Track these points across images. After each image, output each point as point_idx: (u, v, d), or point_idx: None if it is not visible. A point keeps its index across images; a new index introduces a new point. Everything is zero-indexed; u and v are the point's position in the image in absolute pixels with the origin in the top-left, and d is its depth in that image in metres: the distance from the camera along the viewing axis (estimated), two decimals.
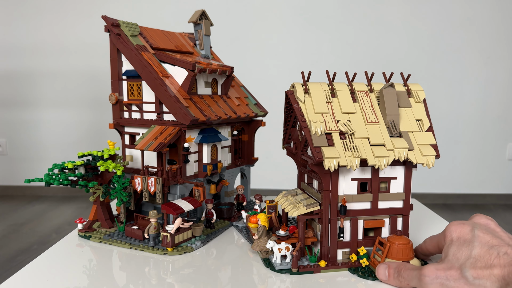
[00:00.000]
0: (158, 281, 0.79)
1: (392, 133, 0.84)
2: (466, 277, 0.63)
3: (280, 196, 0.96)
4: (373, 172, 0.83)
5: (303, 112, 0.84)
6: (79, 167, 1.02)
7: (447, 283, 0.64)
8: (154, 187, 0.97)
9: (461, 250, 0.67)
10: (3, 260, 2.10)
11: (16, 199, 3.22)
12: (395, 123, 0.85)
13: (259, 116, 1.26)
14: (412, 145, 0.83)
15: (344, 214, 0.82)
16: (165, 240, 0.92)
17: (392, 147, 0.82)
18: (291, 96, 0.88)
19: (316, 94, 0.87)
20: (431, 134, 0.86)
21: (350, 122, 0.84)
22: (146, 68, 1.03)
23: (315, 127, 0.81)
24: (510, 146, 3.10)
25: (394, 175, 0.85)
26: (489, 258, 0.63)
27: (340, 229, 0.83)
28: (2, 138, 3.33)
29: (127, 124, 1.13)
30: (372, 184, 0.84)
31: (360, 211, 0.84)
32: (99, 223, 1.06)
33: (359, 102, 0.88)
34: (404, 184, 0.86)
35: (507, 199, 3.15)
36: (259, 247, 0.89)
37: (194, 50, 1.26)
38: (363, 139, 0.83)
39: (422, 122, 0.88)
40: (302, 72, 0.88)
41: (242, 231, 1.06)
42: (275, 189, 3.07)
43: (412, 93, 0.92)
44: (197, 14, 1.21)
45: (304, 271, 0.82)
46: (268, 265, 0.85)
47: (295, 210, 0.84)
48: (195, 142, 1.07)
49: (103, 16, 1.07)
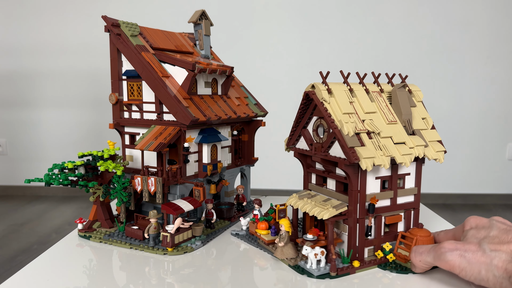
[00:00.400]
0: (158, 281, 0.79)
1: (408, 132, 0.88)
2: (483, 249, 0.68)
3: (293, 199, 0.92)
4: (393, 169, 0.87)
5: (330, 113, 0.83)
6: (79, 167, 1.02)
7: (465, 254, 0.69)
8: (154, 187, 0.97)
9: (480, 233, 0.73)
10: (3, 260, 2.10)
11: (16, 199, 3.22)
12: (410, 121, 0.89)
13: (259, 116, 1.26)
14: (426, 143, 0.88)
15: (373, 213, 0.84)
16: (165, 240, 0.92)
17: (412, 144, 0.86)
18: (314, 97, 0.85)
19: (339, 94, 0.86)
20: (435, 131, 0.92)
21: (373, 121, 0.86)
22: (146, 68, 1.03)
23: (347, 128, 0.80)
24: (510, 146, 3.10)
25: (408, 171, 0.90)
26: (506, 237, 0.69)
27: (367, 228, 0.84)
28: (2, 138, 3.33)
29: (127, 124, 1.13)
30: (392, 181, 0.87)
31: (382, 208, 0.87)
32: (99, 223, 1.06)
33: (375, 102, 0.89)
34: (415, 179, 0.91)
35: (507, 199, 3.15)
36: (285, 255, 0.85)
37: (194, 50, 1.26)
38: (387, 138, 0.85)
39: (427, 120, 0.93)
40: (320, 72, 0.87)
41: (245, 238, 1.00)
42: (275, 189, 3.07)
43: (413, 93, 0.95)
44: (197, 14, 1.21)
45: (342, 273, 0.80)
46: (302, 272, 0.81)
47: (325, 212, 0.81)
48: (195, 142, 1.07)
49: (103, 16, 1.07)
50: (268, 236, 0.94)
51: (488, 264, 0.67)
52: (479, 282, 0.69)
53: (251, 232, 1.01)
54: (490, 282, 0.67)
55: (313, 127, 0.90)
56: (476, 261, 0.68)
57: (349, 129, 0.80)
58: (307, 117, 0.91)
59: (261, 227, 0.96)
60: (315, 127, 0.90)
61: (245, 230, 1.04)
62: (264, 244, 0.94)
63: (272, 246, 0.93)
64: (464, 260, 0.69)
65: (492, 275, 0.67)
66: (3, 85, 3.26)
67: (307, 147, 0.93)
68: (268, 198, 1.40)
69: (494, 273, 0.67)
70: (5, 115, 3.29)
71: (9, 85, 3.25)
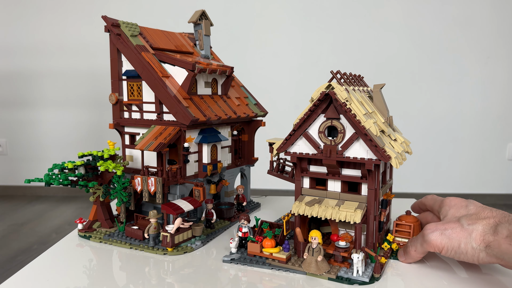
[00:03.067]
0: (158, 281, 0.79)
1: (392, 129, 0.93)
2: (462, 224, 0.74)
3: (302, 207, 0.84)
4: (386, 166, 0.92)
5: (356, 113, 0.80)
6: (79, 167, 1.02)
7: (445, 231, 0.75)
8: (154, 187, 0.97)
9: (459, 211, 0.79)
10: (3, 260, 2.10)
11: (16, 199, 3.22)
12: (390, 119, 0.94)
13: (259, 116, 1.26)
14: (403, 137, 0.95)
15: (386, 208, 0.89)
16: (165, 240, 0.92)
17: (400, 141, 0.91)
18: (336, 97, 0.81)
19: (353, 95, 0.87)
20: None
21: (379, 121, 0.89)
22: (146, 68, 1.03)
23: (375, 129, 0.79)
24: (510, 146, 3.09)
25: None
26: (483, 213, 0.75)
27: (380, 223, 0.87)
28: (2, 138, 3.33)
29: (127, 124, 1.13)
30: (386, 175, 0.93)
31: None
32: (99, 223, 1.06)
33: (364, 102, 0.91)
34: None
35: (507, 199, 3.15)
36: (322, 269, 0.79)
37: (194, 50, 1.26)
38: (388, 136, 0.89)
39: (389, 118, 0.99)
40: (331, 71, 0.85)
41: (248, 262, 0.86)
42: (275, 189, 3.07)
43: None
44: (197, 14, 1.21)
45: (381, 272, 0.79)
46: (350, 282, 0.76)
47: (354, 215, 0.79)
48: (195, 142, 1.07)
49: (103, 16, 1.07)
50: (282, 253, 0.84)
51: (466, 237, 0.72)
52: (458, 257, 0.73)
53: (250, 253, 0.88)
54: (468, 254, 0.71)
55: (320, 128, 0.85)
56: (456, 236, 0.73)
57: (375, 130, 0.79)
58: (313, 119, 0.86)
59: (268, 245, 0.85)
60: (322, 128, 0.85)
61: (236, 253, 0.90)
62: (280, 263, 0.83)
63: (292, 263, 0.83)
64: (444, 237, 0.74)
65: (471, 247, 0.71)
66: (3, 85, 3.26)
67: (303, 151, 0.87)
68: (268, 198, 1.40)
69: (472, 245, 0.71)
70: (5, 115, 3.29)
71: (9, 85, 3.25)
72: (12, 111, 3.28)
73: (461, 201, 0.82)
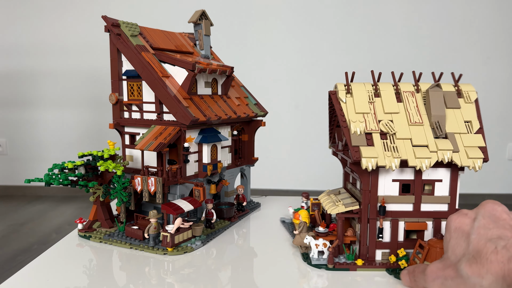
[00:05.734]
0: (158, 281, 0.79)
1: (437, 134, 0.82)
2: (462, 275, 0.56)
3: (324, 194, 0.98)
4: (416, 173, 0.82)
5: (344, 112, 0.85)
6: (79, 167, 1.02)
7: (446, 282, 0.59)
8: (154, 187, 0.97)
9: (459, 245, 0.61)
10: (3, 260, 2.10)
11: (16, 199, 3.22)
12: (440, 124, 0.82)
13: (259, 116, 1.26)
14: (458, 147, 0.81)
15: (383, 215, 0.82)
16: (165, 240, 0.92)
17: (435, 148, 0.80)
18: (333, 97, 0.88)
19: (358, 94, 0.87)
20: (480, 136, 0.83)
21: (392, 122, 0.84)
22: (146, 68, 1.03)
23: (355, 127, 0.82)
24: (510, 146, 3.10)
25: (438, 177, 0.83)
26: (486, 253, 0.55)
27: (379, 230, 0.83)
28: (2, 138, 3.33)
29: (127, 124, 1.13)
30: (415, 185, 0.83)
31: (401, 212, 0.84)
32: (99, 223, 1.06)
33: (404, 102, 0.87)
34: (450, 187, 0.83)
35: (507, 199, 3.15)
36: (298, 242, 0.90)
37: (194, 50, 1.26)
38: (406, 139, 0.82)
39: (471, 123, 0.84)
40: (346, 72, 0.89)
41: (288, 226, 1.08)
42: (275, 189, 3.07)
43: (462, 94, 0.88)
44: (197, 14, 1.21)
45: (340, 267, 0.83)
46: (306, 259, 0.87)
47: (334, 208, 0.85)
48: (195, 142, 1.07)
49: (103, 16, 1.07)
50: None
51: None
52: None
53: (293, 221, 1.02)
54: None
55: None
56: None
57: (356, 128, 0.81)
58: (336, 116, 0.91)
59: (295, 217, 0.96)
60: None
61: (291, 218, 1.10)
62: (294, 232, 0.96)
63: None
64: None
65: None
66: (3, 85, 3.26)
67: None
68: (268, 198, 1.40)
69: None
70: (5, 115, 3.29)
71: (9, 85, 3.25)
72: (12, 111, 3.28)
73: (463, 222, 0.62)
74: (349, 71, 0.93)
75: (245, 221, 1.16)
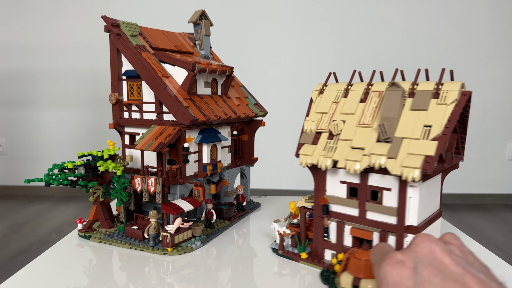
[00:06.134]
0: (158, 281, 0.79)
1: (381, 138, 0.74)
2: None
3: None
4: (362, 177, 0.77)
5: (310, 111, 0.88)
6: (79, 167, 1.02)
7: None
8: (154, 187, 0.97)
9: None
10: (3, 260, 2.10)
11: (16, 199, 3.22)
12: (385, 127, 0.74)
13: (259, 116, 1.26)
14: (396, 153, 0.71)
15: (326, 214, 0.82)
16: (165, 240, 0.92)
17: (368, 152, 0.74)
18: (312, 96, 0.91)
19: (328, 94, 0.89)
20: (434, 144, 0.69)
21: (343, 123, 0.82)
22: (146, 68, 1.03)
23: (307, 125, 0.86)
24: (510, 146, 3.10)
25: (387, 185, 0.74)
26: None
27: (325, 229, 0.84)
28: (2, 138, 3.33)
29: (127, 124, 1.13)
30: (360, 190, 0.78)
31: (347, 216, 0.80)
32: (99, 223, 1.06)
33: (367, 103, 0.82)
34: (399, 198, 0.73)
35: (507, 199, 3.15)
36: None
37: (194, 50, 1.26)
38: (347, 141, 0.79)
39: (432, 129, 0.71)
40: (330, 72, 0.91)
41: None
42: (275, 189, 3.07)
43: (440, 94, 0.75)
44: (197, 14, 1.21)
45: (285, 255, 0.89)
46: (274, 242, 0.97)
47: (300, 202, 0.90)
48: (195, 142, 1.07)
49: (103, 16, 1.07)
50: None
51: None
52: None
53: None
54: None
55: None
56: None
57: (307, 127, 0.86)
58: None
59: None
60: None
61: None
62: None
63: None
64: None
65: None
66: (3, 85, 3.26)
67: None
68: (268, 198, 1.40)
69: None
70: (5, 115, 3.29)
71: (9, 85, 3.25)
72: (12, 111, 3.28)
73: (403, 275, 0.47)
74: (349, 71, 0.93)
75: (245, 221, 1.16)
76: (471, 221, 2.77)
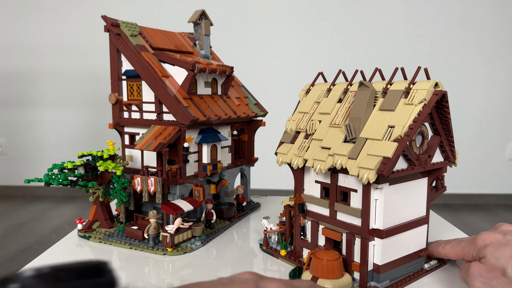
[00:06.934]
0: (158, 281, 0.79)
1: (348, 138, 0.74)
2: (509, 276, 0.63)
3: None
4: (332, 178, 0.77)
5: (294, 111, 0.91)
6: (79, 167, 1.02)
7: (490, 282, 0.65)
8: (154, 187, 0.97)
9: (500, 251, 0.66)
10: (3, 260, 2.10)
11: (16, 199, 3.22)
12: (351, 127, 0.73)
13: (259, 116, 1.26)
14: (356, 154, 0.70)
15: (302, 213, 0.83)
16: (165, 240, 0.92)
17: (333, 152, 0.74)
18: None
19: (312, 94, 0.90)
20: (394, 145, 0.66)
21: (319, 123, 0.82)
22: (146, 68, 1.03)
23: (288, 125, 0.88)
24: (510, 146, 3.10)
25: (354, 186, 0.73)
26: None
27: (301, 228, 0.85)
28: (2, 138, 3.33)
29: (127, 124, 1.13)
30: (331, 191, 0.78)
31: (320, 216, 0.80)
32: (99, 223, 1.06)
33: (342, 103, 0.81)
34: (362, 200, 0.71)
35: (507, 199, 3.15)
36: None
37: (194, 50, 1.26)
38: (318, 140, 0.79)
39: (395, 129, 0.69)
40: (319, 72, 0.91)
41: None
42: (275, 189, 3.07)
43: (410, 94, 0.72)
44: (197, 14, 1.21)
45: (267, 251, 0.92)
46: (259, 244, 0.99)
47: (284, 200, 0.92)
48: (195, 142, 1.06)
49: (103, 16, 1.07)
50: None
51: None
52: None
53: None
54: None
55: None
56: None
57: (288, 127, 0.88)
58: None
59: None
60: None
61: None
62: None
63: None
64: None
65: None
66: (3, 85, 3.26)
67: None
68: (268, 198, 1.40)
69: None
70: (5, 115, 3.29)
71: (9, 85, 3.25)
72: (12, 111, 3.28)
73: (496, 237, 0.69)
74: (349, 71, 0.93)
75: (245, 221, 1.16)
76: (471, 221, 2.77)
